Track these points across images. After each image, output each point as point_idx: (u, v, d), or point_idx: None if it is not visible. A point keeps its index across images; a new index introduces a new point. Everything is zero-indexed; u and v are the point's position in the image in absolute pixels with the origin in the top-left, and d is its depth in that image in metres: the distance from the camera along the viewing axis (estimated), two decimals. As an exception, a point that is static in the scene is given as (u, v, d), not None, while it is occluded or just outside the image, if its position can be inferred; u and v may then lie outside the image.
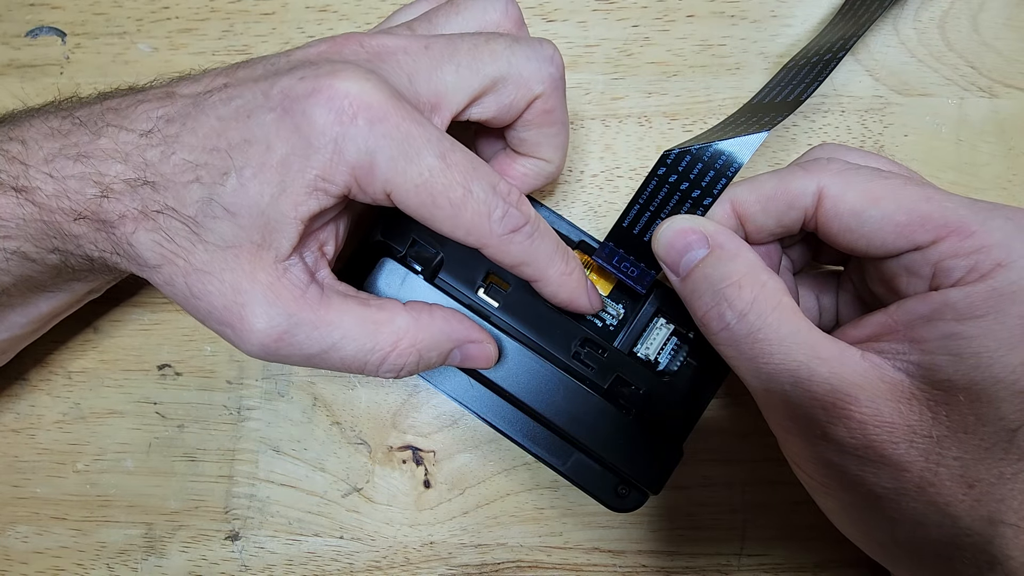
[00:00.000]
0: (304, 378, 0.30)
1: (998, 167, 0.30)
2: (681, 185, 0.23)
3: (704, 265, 0.22)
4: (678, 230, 0.22)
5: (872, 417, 0.19)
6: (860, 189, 0.20)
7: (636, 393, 0.26)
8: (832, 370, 0.19)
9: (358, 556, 0.29)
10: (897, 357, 0.19)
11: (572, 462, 0.26)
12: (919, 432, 0.18)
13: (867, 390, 0.19)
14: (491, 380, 0.25)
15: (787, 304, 0.20)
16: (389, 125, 0.20)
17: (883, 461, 0.19)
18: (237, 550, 0.30)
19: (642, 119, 0.30)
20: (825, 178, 0.21)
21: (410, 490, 0.30)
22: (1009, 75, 0.30)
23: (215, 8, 0.31)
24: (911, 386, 0.19)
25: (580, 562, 0.29)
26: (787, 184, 0.21)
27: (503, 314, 0.26)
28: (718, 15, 0.31)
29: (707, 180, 0.22)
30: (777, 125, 0.22)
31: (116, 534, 0.30)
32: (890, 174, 0.21)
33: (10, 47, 0.32)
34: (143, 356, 0.30)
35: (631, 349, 0.26)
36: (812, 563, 0.29)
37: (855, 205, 0.20)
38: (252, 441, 0.30)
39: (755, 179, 0.22)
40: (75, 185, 0.21)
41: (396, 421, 0.30)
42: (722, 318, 0.21)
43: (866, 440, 0.19)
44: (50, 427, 0.30)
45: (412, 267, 0.26)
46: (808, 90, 0.24)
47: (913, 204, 0.19)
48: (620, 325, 0.26)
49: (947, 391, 0.18)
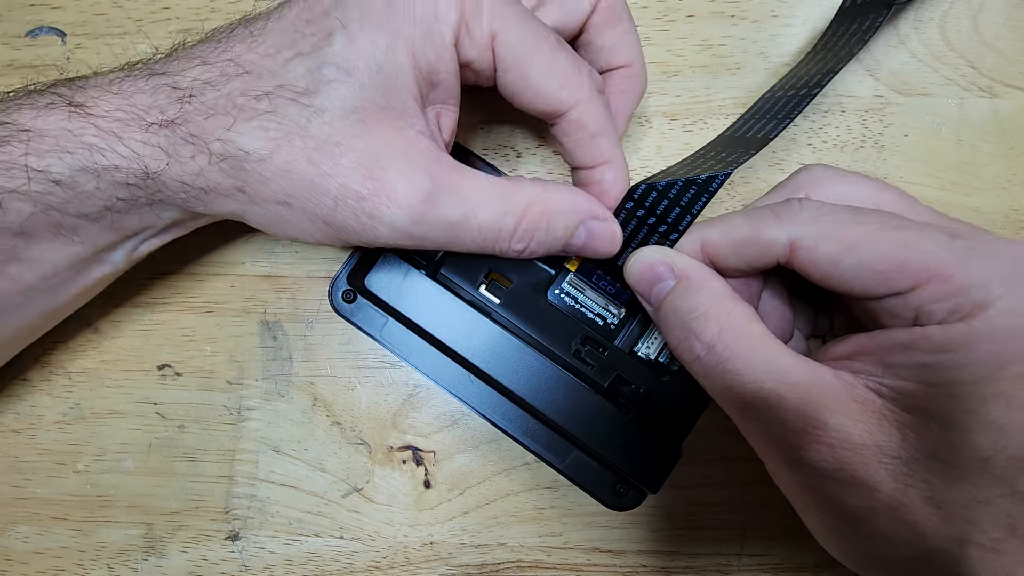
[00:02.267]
0: (304, 378, 0.30)
1: (998, 167, 0.30)
2: (648, 220, 0.23)
3: (672, 297, 0.22)
4: (646, 262, 0.23)
5: (842, 440, 0.19)
6: (834, 238, 0.20)
7: (636, 392, 0.26)
8: (801, 395, 0.19)
9: (358, 556, 0.29)
10: (871, 377, 0.19)
11: (571, 460, 0.26)
12: (888, 453, 0.18)
13: (837, 411, 0.19)
14: (491, 376, 0.26)
15: (754, 331, 0.20)
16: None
17: (854, 482, 0.19)
18: (237, 550, 0.30)
19: (642, 119, 0.30)
20: (798, 228, 0.20)
21: (410, 490, 0.30)
22: (1009, 75, 0.30)
23: (215, 8, 0.31)
24: (882, 406, 0.19)
25: (580, 562, 0.29)
26: (758, 232, 0.21)
27: (504, 311, 0.26)
28: (718, 15, 0.31)
29: (672, 216, 0.23)
30: (743, 164, 0.22)
31: (116, 534, 0.30)
32: (867, 215, 0.20)
33: (10, 47, 0.32)
34: (143, 356, 0.30)
35: (632, 348, 0.26)
36: (812, 563, 0.29)
37: (830, 255, 0.20)
38: (252, 441, 0.30)
39: (727, 220, 0.22)
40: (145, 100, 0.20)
41: (396, 421, 0.30)
42: (692, 350, 0.21)
43: (837, 462, 0.19)
44: (50, 427, 0.30)
45: (415, 261, 0.26)
46: (778, 127, 0.23)
47: (890, 252, 0.19)
48: (621, 324, 0.26)
49: (918, 416, 0.18)
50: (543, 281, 0.26)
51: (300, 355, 0.30)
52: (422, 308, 0.26)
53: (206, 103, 0.20)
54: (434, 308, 0.26)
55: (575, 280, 0.26)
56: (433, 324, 0.26)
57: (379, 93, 0.20)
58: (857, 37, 0.26)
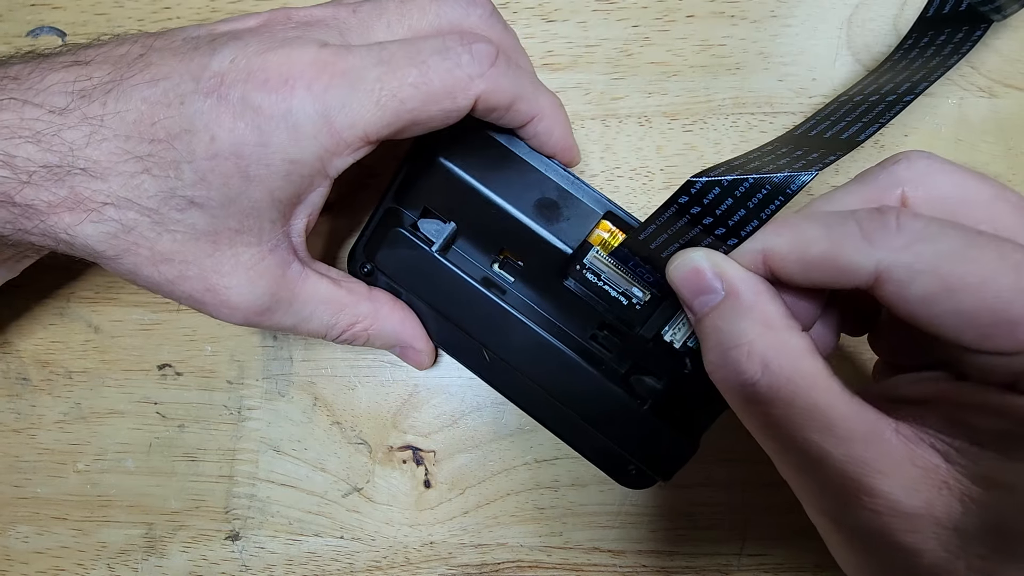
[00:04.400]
0: (304, 378, 0.30)
1: (998, 167, 0.30)
2: (704, 219, 0.20)
3: (716, 315, 0.19)
4: (693, 267, 0.20)
5: (891, 508, 0.16)
6: (936, 274, 0.16)
7: (654, 383, 0.25)
8: (850, 455, 0.17)
9: (358, 556, 0.29)
10: (940, 436, 0.17)
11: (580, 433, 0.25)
12: (944, 524, 0.16)
13: (889, 476, 0.16)
14: (506, 360, 0.25)
15: (804, 371, 0.17)
16: (326, 75, 0.20)
17: (898, 548, 0.17)
18: (237, 550, 0.30)
19: (642, 119, 0.30)
20: (890, 255, 0.16)
21: (410, 490, 0.30)
22: (1009, 75, 0.30)
23: (216, 8, 0.31)
24: (947, 473, 0.16)
25: (580, 562, 0.29)
26: (839, 253, 0.17)
27: (518, 289, 0.25)
28: (718, 15, 0.31)
29: (736, 219, 0.19)
30: (829, 165, 0.19)
31: (116, 534, 0.30)
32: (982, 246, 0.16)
33: (11, 47, 0.32)
34: (143, 356, 0.30)
35: (658, 332, 0.24)
36: (812, 563, 0.29)
37: (927, 294, 0.16)
38: (252, 441, 0.30)
39: (799, 228, 0.18)
40: None
41: (396, 421, 0.30)
42: (728, 381, 0.18)
43: (883, 527, 0.17)
44: (51, 427, 0.30)
45: (424, 238, 0.25)
46: (867, 130, 0.20)
47: (1001, 303, 0.15)
48: (649, 305, 0.24)
49: (988, 489, 0.16)
50: (560, 258, 0.24)
51: (300, 355, 0.30)
52: (433, 286, 0.25)
53: (47, 192, 0.19)
54: (445, 287, 0.25)
55: (601, 258, 0.24)
56: (444, 303, 0.25)
57: (233, 220, 0.20)
58: (951, 48, 0.25)
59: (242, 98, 0.19)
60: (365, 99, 0.20)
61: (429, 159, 0.24)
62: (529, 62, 0.25)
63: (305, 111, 0.20)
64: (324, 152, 0.20)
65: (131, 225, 0.20)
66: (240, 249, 0.21)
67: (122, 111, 0.19)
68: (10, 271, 0.26)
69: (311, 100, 0.19)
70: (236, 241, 0.21)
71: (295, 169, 0.20)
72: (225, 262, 0.21)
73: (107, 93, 0.20)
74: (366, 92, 0.20)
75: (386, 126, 0.20)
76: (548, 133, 0.23)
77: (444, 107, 0.21)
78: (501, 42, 0.23)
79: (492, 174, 0.24)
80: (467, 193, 0.24)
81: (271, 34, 0.21)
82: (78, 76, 0.20)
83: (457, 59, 0.21)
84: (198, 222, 0.20)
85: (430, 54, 0.20)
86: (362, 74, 0.20)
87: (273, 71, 0.19)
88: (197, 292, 0.21)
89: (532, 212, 0.24)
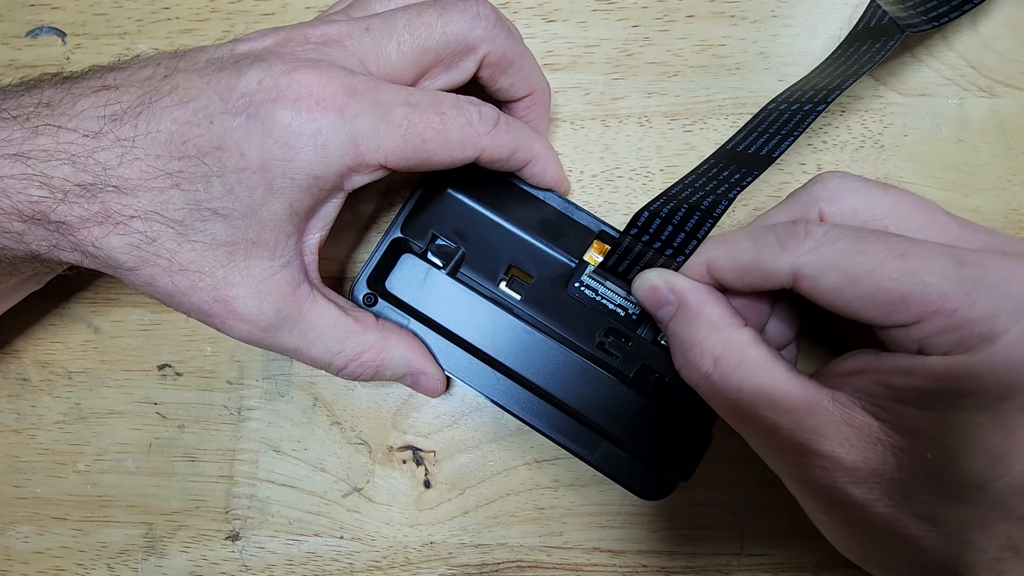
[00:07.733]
0: (304, 378, 0.30)
1: (998, 167, 0.30)
2: (654, 244, 0.24)
3: (674, 323, 0.23)
4: (648, 286, 0.23)
5: (834, 464, 0.19)
6: (838, 268, 0.19)
7: (662, 380, 0.26)
8: (794, 422, 0.20)
9: (358, 556, 0.29)
10: (869, 398, 0.19)
11: (600, 452, 0.26)
12: (883, 475, 0.19)
13: (829, 437, 0.19)
14: (516, 372, 0.26)
15: (750, 358, 0.21)
16: (359, 103, 0.21)
17: (849, 500, 0.19)
18: (237, 550, 0.30)
19: (642, 119, 0.30)
20: (801, 258, 0.20)
21: (410, 490, 0.30)
22: (1009, 75, 0.30)
23: (215, 8, 0.31)
24: (878, 429, 0.19)
25: (580, 562, 0.29)
26: (761, 260, 0.21)
27: (526, 307, 0.27)
28: (718, 15, 0.31)
29: (678, 241, 0.23)
30: (747, 186, 0.22)
31: (116, 534, 0.30)
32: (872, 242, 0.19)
33: (10, 47, 0.32)
34: (143, 356, 0.30)
35: (656, 337, 0.26)
36: (812, 563, 0.29)
37: (834, 286, 0.19)
38: (252, 441, 0.30)
39: (733, 241, 0.22)
40: (15, 185, 0.20)
41: (396, 421, 0.30)
42: (691, 377, 0.22)
43: (831, 482, 0.19)
44: (51, 427, 0.30)
45: (433, 263, 0.26)
46: (782, 144, 0.23)
47: (893, 284, 0.19)
48: (644, 314, 0.26)
49: (914, 440, 0.18)
50: (564, 274, 0.27)
51: (300, 355, 0.30)
52: (444, 308, 0.26)
53: (80, 208, 0.20)
54: (456, 307, 0.26)
55: (596, 273, 0.26)
56: (456, 323, 0.26)
57: (252, 231, 0.21)
58: (867, 57, 0.26)
59: (272, 115, 0.20)
60: (393, 131, 0.22)
61: (438, 190, 0.27)
62: (535, 61, 0.27)
63: (335, 132, 0.21)
64: (346, 169, 0.22)
65: (154, 236, 0.21)
66: (253, 262, 0.22)
67: (153, 132, 0.21)
68: (37, 283, 0.27)
69: (342, 123, 0.21)
70: (251, 253, 0.22)
71: (316, 183, 0.22)
72: (237, 273, 0.22)
73: (138, 116, 0.21)
74: (395, 125, 0.22)
75: (404, 159, 0.22)
76: (543, 173, 0.26)
77: (454, 154, 0.23)
78: (508, 49, 0.25)
79: (497, 201, 0.27)
80: (476, 218, 0.27)
81: (292, 54, 0.22)
82: (108, 100, 0.21)
83: (469, 116, 0.23)
84: (218, 232, 0.21)
85: (449, 107, 0.23)
86: (392, 109, 0.22)
87: (304, 91, 0.21)
88: (206, 303, 0.22)
89: (537, 231, 0.27)
